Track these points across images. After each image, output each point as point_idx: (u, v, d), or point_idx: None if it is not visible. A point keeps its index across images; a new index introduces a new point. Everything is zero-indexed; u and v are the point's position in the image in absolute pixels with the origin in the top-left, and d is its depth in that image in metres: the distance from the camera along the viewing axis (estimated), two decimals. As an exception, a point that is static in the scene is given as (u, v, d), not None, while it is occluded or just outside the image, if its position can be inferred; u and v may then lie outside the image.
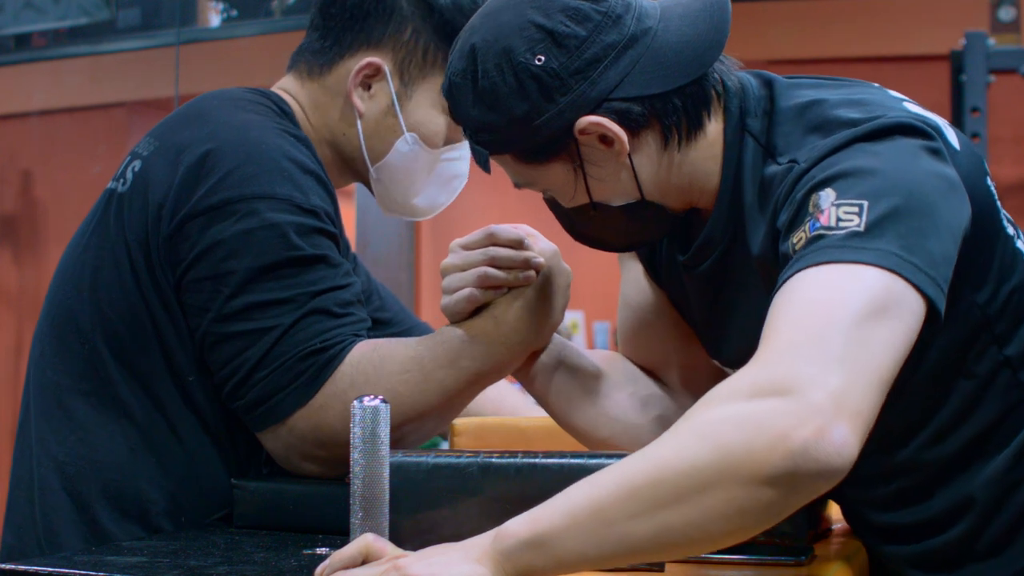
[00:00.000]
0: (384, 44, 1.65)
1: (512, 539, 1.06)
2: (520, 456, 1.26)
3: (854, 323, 1.09)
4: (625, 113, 1.34)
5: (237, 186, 1.47)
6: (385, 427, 1.13)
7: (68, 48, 6.70)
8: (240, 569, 1.23)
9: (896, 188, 1.21)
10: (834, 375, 1.04)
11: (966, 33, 4.47)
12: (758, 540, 1.34)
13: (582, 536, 1.05)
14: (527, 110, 1.34)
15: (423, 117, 1.67)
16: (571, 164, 1.37)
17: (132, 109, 6.51)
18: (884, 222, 1.18)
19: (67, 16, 6.60)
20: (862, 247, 1.16)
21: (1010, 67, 4.47)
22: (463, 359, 1.49)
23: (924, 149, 1.27)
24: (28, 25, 6.71)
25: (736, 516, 1.03)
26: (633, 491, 1.04)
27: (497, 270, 1.49)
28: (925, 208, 1.21)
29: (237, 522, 1.50)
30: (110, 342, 1.53)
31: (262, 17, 6.66)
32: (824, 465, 1.01)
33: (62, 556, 1.33)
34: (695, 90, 1.37)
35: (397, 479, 1.20)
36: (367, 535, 1.11)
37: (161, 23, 6.56)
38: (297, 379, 1.46)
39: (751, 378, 1.07)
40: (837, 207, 1.20)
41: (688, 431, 1.06)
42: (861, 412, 1.05)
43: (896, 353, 1.12)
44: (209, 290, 1.47)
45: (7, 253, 6.69)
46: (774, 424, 1.01)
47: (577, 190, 1.39)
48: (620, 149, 1.36)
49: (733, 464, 1.02)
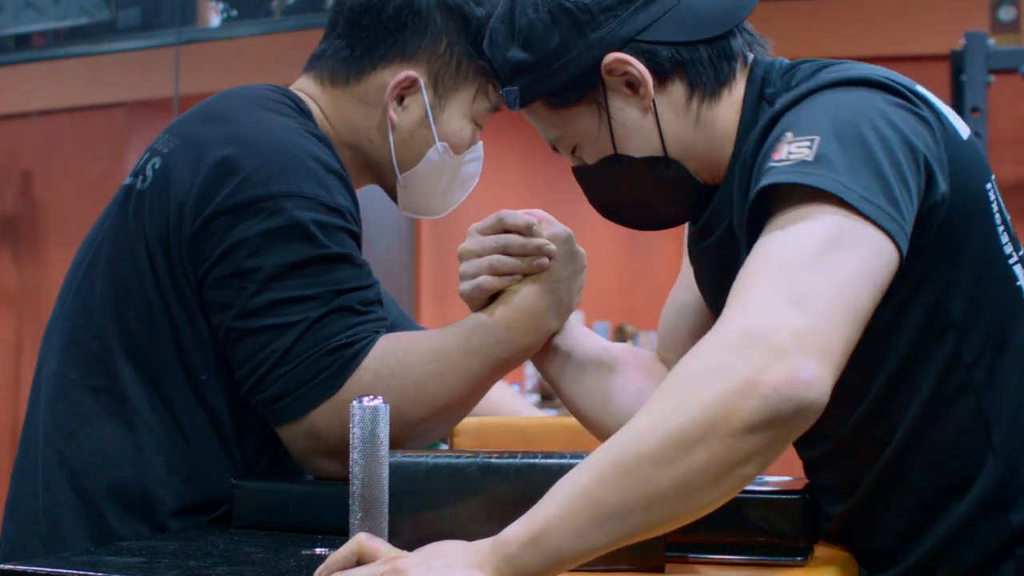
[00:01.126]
0: (419, 56, 1.65)
1: (513, 543, 1.06)
2: (520, 456, 1.26)
3: (811, 260, 1.11)
4: (652, 55, 1.39)
5: (264, 184, 1.47)
6: (385, 427, 1.13)
7: (68, 48, 6.71)
8: (240, 569, 1.23)
9: (855, 126, 1.21)
10: (796, 315, 1.05)
11: (966, 33, 4.47)
12: (758, 540, 1.35)
13: (580, 525, 1.05)
14: (558, 45, 1.39)
15: (456, 127, 1.69)
16: (597, 109, 1.41)
17: (132, 109, 6.52)
18: (833, 151, 1.19)
19: (67, 16, 6.60)
20: (810, 172, 1.17)
21: (1010, 67, 4.48)
22: (486, 347, 1.50)
23: (890, 103, 1.27)
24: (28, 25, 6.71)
25: (725, 471, 1.03)
26: (621, 469, 1.04)
27: (509, 258, 1.50)
28: (880, 144, 1.21)
29: (237, 522, 1.50)
30: (123, 338, 1.53)
31: (262, 17, 6.66)
32: (798, 403, 1.02)
33: (62, 556, 1.33)
34: (723, 46, 1.41)
35: (396, 479, 1.20)
36: (360, 535, 1.11)
37: (161, 23, 6.57)
38: (321, 374, 1.46)
39: (718, 334, 1.08)
40: (790, 144, 1.21)
41: (663, 397, 1.06)
42: (829, 346, 1.06)
43: (861, 279, 1.12)
44: (234, 287, 1.47)
45: (7, 253, 6.69)
46: (744, 373, 1.02)
47: (601, 138, 1.43)
48: (645, 93, 1.39)
49: (711, 419, 1.02)
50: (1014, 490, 1.33)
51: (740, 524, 1.35)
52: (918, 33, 5.30)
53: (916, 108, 1.29)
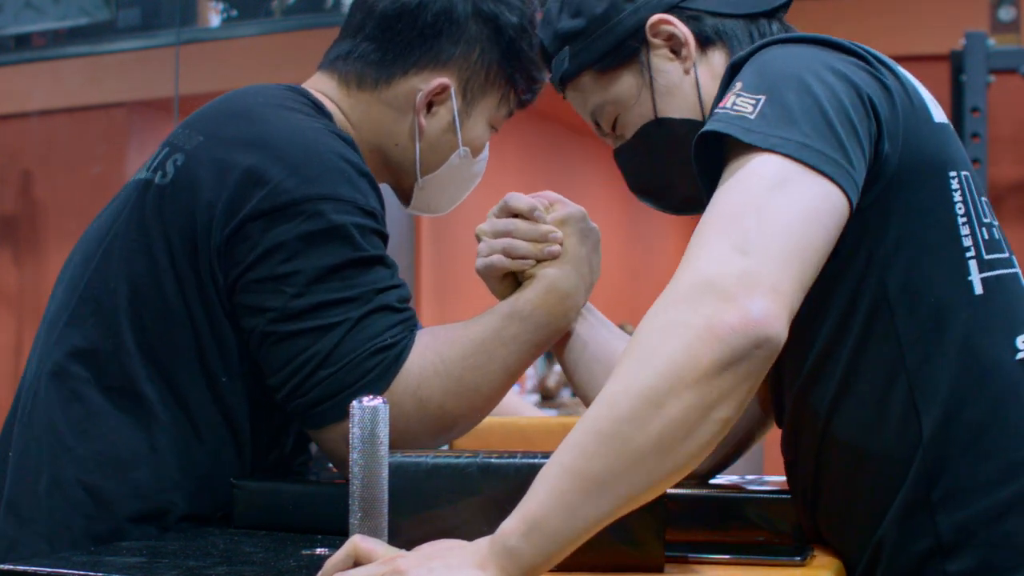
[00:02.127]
0: (451, 64, 1.66)
1: (511, 536, 1.06)
2: (520, 456, 1.26)
3: (755, 207, 1.13)
4: (695, 20, 1.49)
5: (302, 187, 1.46)
6: (384, 427, 1.13)
7: (68, 48, 6.70)
8: (240, 569, 1.23)
9: (801, 81, 1.23)
10: (742, 259, 1.09)
11: (966, 33, 4.47)
12: (756, 540, 1.35)
13: (572, 502, 1.05)
14: (607, 8, 1.50)
15: (479, 132, 1.71)
16: (639, 70, 1.50)
17: (132, 109, 6.52)
18: (776, 108, 1.20)
19: (67, 16, 6.60)
20: (748, 129, 1.19)
21: (1010, 67, 4.48)
22: (523, 333, 1.51)
23: (843, 59, 1.29)
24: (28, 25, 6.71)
25: (700, 416, 1.05)
26: (600, 437, 1.05)
27: (521, 242, 1.52)
28: (825, 93, 1.23)
29: (237, 522, 1.50)
30: (138, 337, 1.51)
31: (262, 17, 6.67)
32: (754, 339, 1.05)
33: (61, 556, 1.33)
34: (761, 24, 1.50)
35: (396, 479, 1.20)
36: (355, 537, 1.10)
37: (161, 23, 6.56)
38: (366, 376, 1.45)
39: (671, 289, 1.11)
40: (737, 96, 1.24)
41: (628, 359, 1.08)
42: (777, 283, 1.08)
43: (806, 219, 1.14)
44: (270, 290, 1.46)
45: (7, 253, 6.69)
46: (699, 321, 1.05)
47: (642, 101, 1.50)
48: (687, 55, 1.48)
49: (676, 369, 1.05)
50: (943, 491, 1.28)
51: (739, 524, 1.35)
52: (918, 33, 5.30)
53: (874, 69, 1.30)
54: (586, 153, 8.03)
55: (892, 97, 1.29)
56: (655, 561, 1.25)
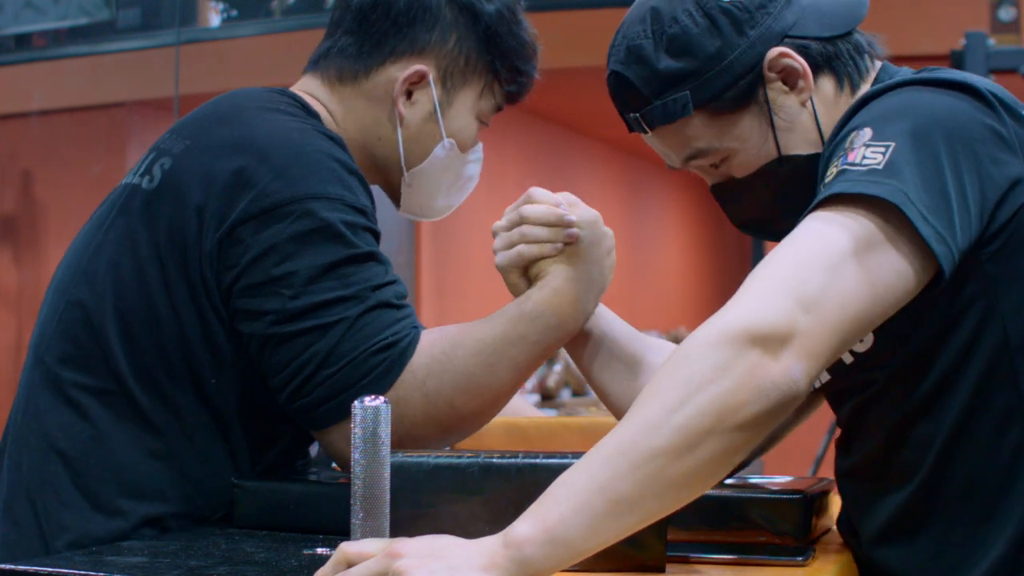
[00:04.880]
0: (428, 52, 1.65)
1: (528, 544, 1.05)
2: (520, 456, 1.26)
3: (831, 263, 1.14)
4: (805, 49, 1.43)
5: (289, 188, 1.46)
6: (386, 427, 1.13)
7: (68, 48, 6.71)
8: (240, 569, 1.23)
9: (930, 135, 1.23)
10: (801, 317, 1.11)
11: (966, 33, 4.47)
12: (758, 540, 1.35)
13: (596, 520, 1.06)
14: (720, 46, 1.42)
15: (462, 123, 1.69)
16: (759, 112, 1.44)
17: (132, 109, 6.52)
18: (905, 162, 1.20)
19: (67, 16, 6.61)
20: (876, 181, 1.19)
21: (1010, 67, 4.47)
22: (533, 334, 1.50)
23: (976, 118, 1.27)
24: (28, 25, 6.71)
25: (728, 457, 1.09)
26: (635, 462, 1.07)
27: (536, 227, 1.50)
28: (956, 154, 1.22)
29: (237, 522, 1.50)
30: (126, 342, 1.51)
31: (262, 17, 6.67)
32: (789, 398, 1.09)
33: (61, 556, 1.33)
34: (855, 41, 1.47)
35: (397, 479, 1.20)
36: (342, 545, 1.10)
37: (161, 23, 6.57)
38: (370, 374, 1.45)
39: (728, 322, 1.11)
40: (867, 147, 1.23)
41: (672, 386, 1.09)
42: (820, 352, 1.11)
43: (875, 291, 1.16)
44: (268, 293, 1.46)
45: (7, 253, 6.69)
46: (745, 365, 1.08)
47: (766, 142, 1.45)
48: (805, 86, 1.43)
49: (718, 414, 1.07)
50: None
51: (741, 524, 1.35)
52: (918, 33, 5.29)
53: (1000, 121, 1.29)
54: (586, 153, 8.03)
55: (1016, 158, 1.28)
56: (657, 561, 1.25)
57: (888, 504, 1.39)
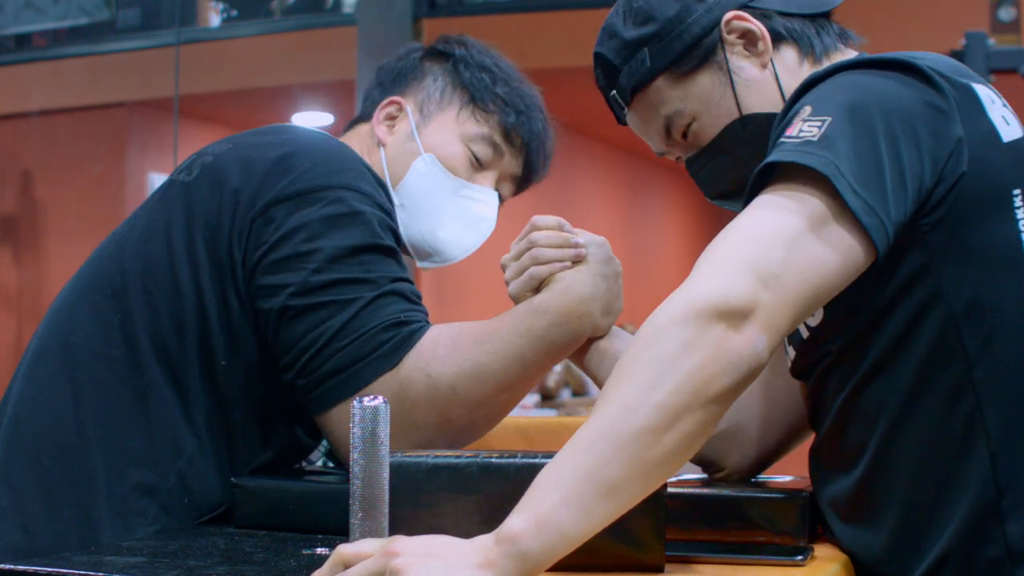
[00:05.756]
0: (408, 90, 1.81)
1: (523, 538, 1.05)
2: (520, 456, 1.26)
3: (789, 240, 1.18)
4: (766, 18, 1.50)
5: (324, 176, 1.55)
6: (385, 427, 1.13)
7: (68, 48, 6.72)
8: (240, 569, 1.23)
9: (867, 111, 1.26)
10: (762, 291, 1.15)
11: (966, 33, 4.47)
12: (758, 540, 1.35)
13: (587, 504, 1.07)
14: (679, 10, 1.51)
15: (443, 139, 1.77)
16: (719, 71, 1.50)
17: (132, 109, 6.52)
18: (840, 135, 1.23)
19: (67, 16, 6.62)
20: (809, 152, 1.22)
21: (1010, 67, 4.48)
22: (539, 328, 1.53)
23: (918, 96, 1.29)
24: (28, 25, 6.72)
25: (704, 431, 1.12)
26: (619, 444, 1.09)
27: (545, 248, 1.56)
28: (892, 129, 1.25)
29: (237, 522, 1.50)
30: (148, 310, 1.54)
31: (262, 17, 6.67)
32: (755, 369, 1.13)
33: (61, 556, 1.33)
34: (823, 23, 1.52)
35: (397, 479, 1.20)
36: (340, 546, 1.10)
37: (161, 23, 6.58)
38: (379, 348, 1.49)
39: (693, 298, 1.13)
40: (804, 121, 1.26)
41: (644, 366, 1.11)
42: (780, 324, 1.16)
43: (828, 270, 1.20)
44: (292, 268, 1.51)
45: (7, 253, 6.69)
46: (712, 340, 1.12)
47: (725, 99, 1.50)
48: (764, 48, 1.49)
49: (695, 391, 1.10)
50: (1013, 500, 1.30)
51: (740, 524, 1.35)
52: (918, 33, 5.30)
53: (944, 99, 1.30)
54: (586, 153, 8.03)
55: (956, 129, 1.29)
56: (656, 561, 1.25)
57: (843, 483, 1.40)
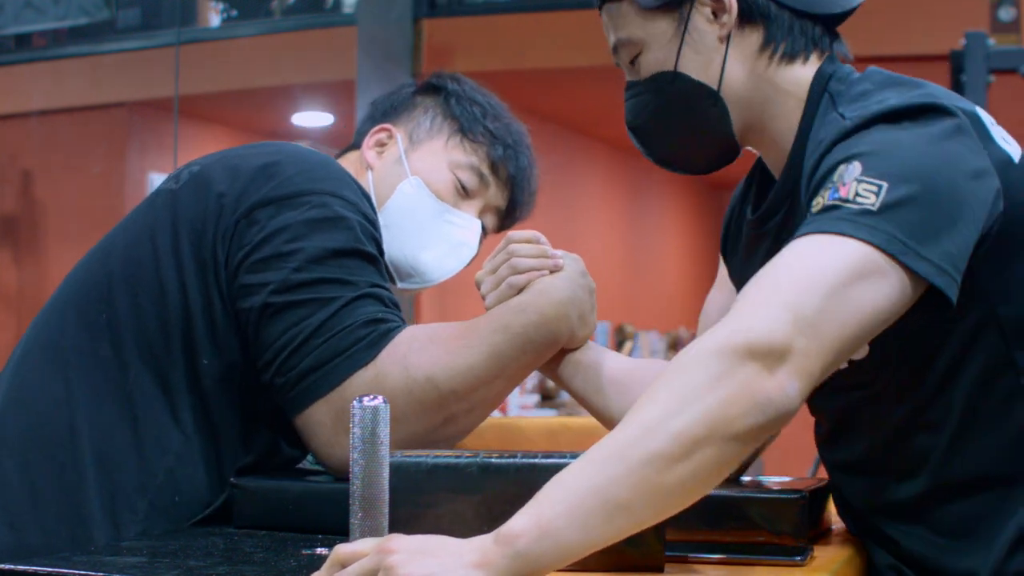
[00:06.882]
0: (399, 120, 1.85)
1: (522, 540, 1.06)
2: (520, 456, 1.26)
3: (830, 288, 1.17)
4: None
5: (308, 182, 1.57)
6: (384, 427, 1.13)
7: (68, 48, 6.72)
8: (240, 569, 1.23)
9: (918, 173, 1.26)
10: (798, 337, 1.13)
11: (966, 33, 4.47)
12: (757, 540, 1.35)
13: (590, 521, 1.07)
14: None
15: (428, 165, 1.80)
16: (677, 21, 1.49)
17: (132, 109, 6.53)
18: (898, 207, 1.23)
19: (67, 16, 6.61)
20: (870, 226, 1.22)
21: (1010, 67, 4.47)
22: (516, 324, 1.55)
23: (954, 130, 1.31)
24: (28, 25, 6.72)
25: (720, 467, 1.11)
26: (631, 466, 1.08)
27: (522, 258, 1.57)
28: (944, 199, 1.26)
29: (237, 522, 1.50)
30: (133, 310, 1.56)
31: (262, 17, 6.67)
32: (782, 414, 1.12)
33: (61, 556, 1.33)
34: (806, 24, 1.49)
35: (397, 479, 1.20)
36: (337, 547, 1.10)
37: (161, 23, 6.58)
38: (356, 344, 1.51)
39: (728, 335, 1.13)
40: (858, 182, 1.26)
41: (670, 393, 1.11)
42: (814, 372, 1.15)
43: (866, 317, 1.19)
44: (273, 267, 1.53)
45: (7, 253, 6.69)
46: (741, 378, 1.11)
47: (668, 49, 1.50)
48: (726, 22, 1.48)
49: (715, 425, 1.09)
50: None
51: (740, 524, 1.35)
52: (918, 33, 5.30)
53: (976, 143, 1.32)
54: (586, 153, 8.03)
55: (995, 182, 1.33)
56: (655, 561, 1.25)
57: (902, 491, 1.44)
